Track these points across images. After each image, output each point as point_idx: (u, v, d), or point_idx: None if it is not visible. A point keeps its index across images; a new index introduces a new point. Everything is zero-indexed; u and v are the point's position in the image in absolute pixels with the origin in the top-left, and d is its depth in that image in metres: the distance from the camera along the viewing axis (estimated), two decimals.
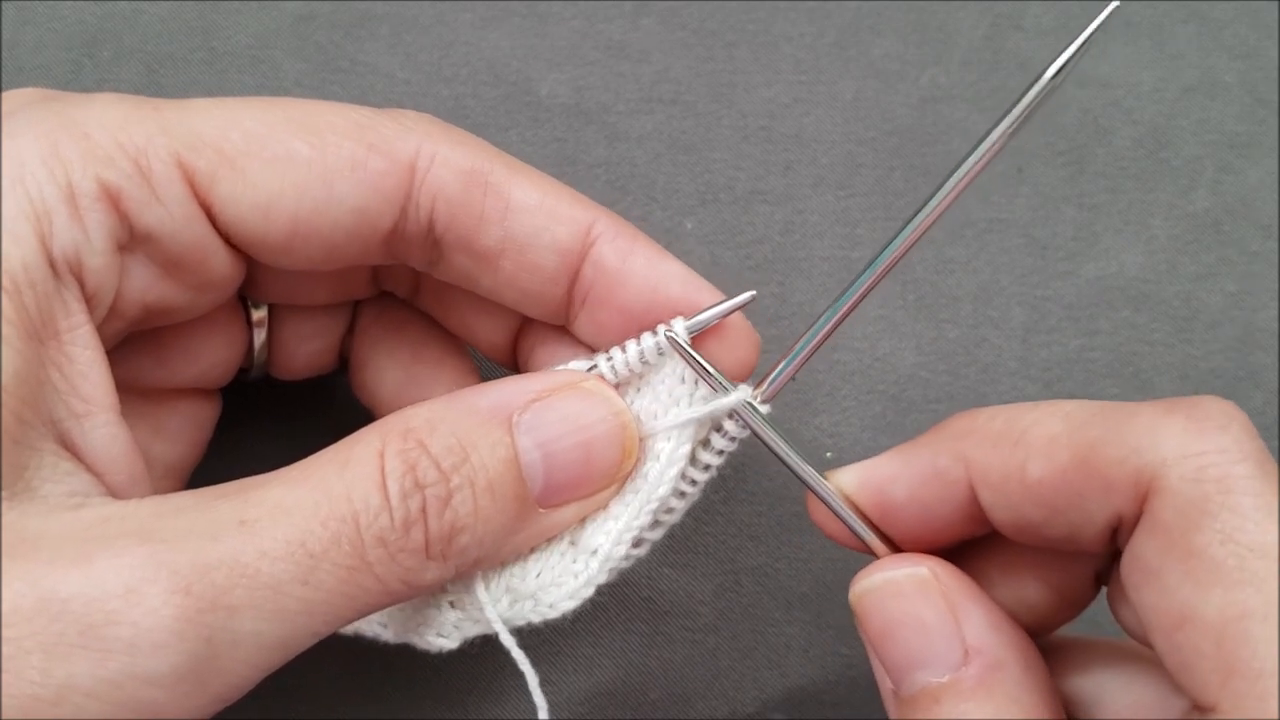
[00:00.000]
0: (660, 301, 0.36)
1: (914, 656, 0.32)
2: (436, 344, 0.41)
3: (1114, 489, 0.30)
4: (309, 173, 0.33)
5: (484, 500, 0.33)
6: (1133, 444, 0.30)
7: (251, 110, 0.34)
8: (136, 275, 0.33)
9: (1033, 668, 0.32)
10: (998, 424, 0.33)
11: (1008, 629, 0.33)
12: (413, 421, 0.33)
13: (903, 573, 0.34)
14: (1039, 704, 0.31)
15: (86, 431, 0.32)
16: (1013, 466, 0.32)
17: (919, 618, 0.33)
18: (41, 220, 0.30)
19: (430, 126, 0.35)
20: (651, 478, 0.36)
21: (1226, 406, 0.30)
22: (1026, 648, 0.33)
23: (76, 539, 0.29)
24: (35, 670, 0.27)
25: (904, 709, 0.33)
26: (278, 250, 0.34)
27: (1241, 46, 0.51)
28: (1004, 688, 0.31)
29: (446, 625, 0.36)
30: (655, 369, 0.36)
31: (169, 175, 0.32)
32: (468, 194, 0.35)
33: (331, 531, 0.30)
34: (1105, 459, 0.30)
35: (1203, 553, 0.28)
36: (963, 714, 0.31)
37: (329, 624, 0.31)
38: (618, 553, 0.36)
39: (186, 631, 0.28)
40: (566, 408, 0.35)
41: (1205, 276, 0.49)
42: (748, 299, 0.36)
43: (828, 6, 0.51)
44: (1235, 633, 0.27)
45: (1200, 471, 0.29)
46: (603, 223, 0.36)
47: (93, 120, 0.32)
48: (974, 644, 0.32)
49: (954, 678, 0.32)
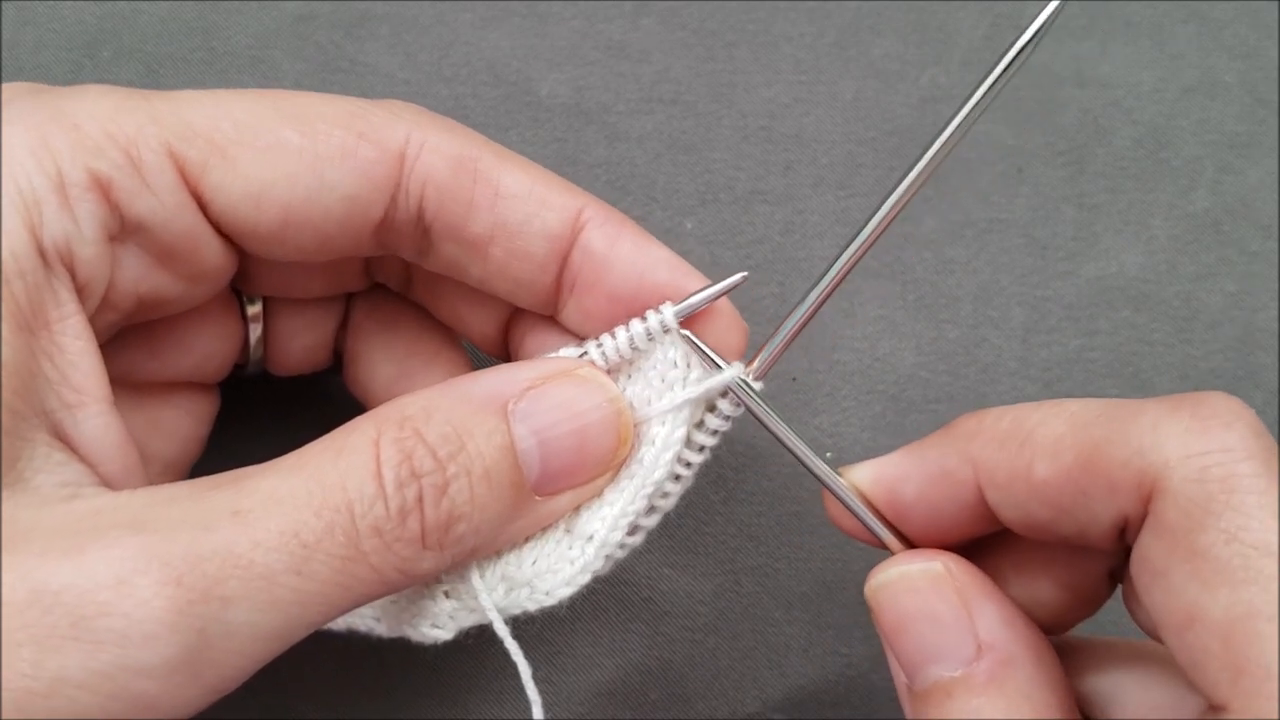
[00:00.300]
0: (648, 286, 0.36)
1: (927, 651, 0.33)
2: (429, 337, 0.41)
3: (1119, 489, 0.30)
4: (299, 161, 0.33)
5: (480, 489, 0.33)
6: (1136, 444, 0.30)
7: (242, 100, 0.34)
8: (129, 266, 0.33)
9: (1045, 664, 0.32)
10: (1004, 424, 0.33)
11: (1021, 625, 0.33)
12: (408, 409, 0.33)
13: (917, 567, 0.34)
14: (1050, 700, 0.31)
15: (79, 422, 0.32)
16: (1019, 467, 0.32)
17: (932, 612, 0.33)
18: (31, 210, 0.30)
19: (419, 115, 0.35)
20: (647, 462, 0.36)
21: (1233, 404, 0.30)
22: (1040, 644, 0.33)
23: (68, 530, 0.29)
24: (27, 663, 0.27)
25: (917, 703, 0.33)
26: (269, 240, 0.34)
27: (1241, 46, 0.51)
28: (1015, 683, 0.31)
29: (441, 616, 0.36)
30: (646, 355, 0.36)
31: (159, 164, 0.32)
32: (457, 180, 0.35)
33: (326, 521, 0.30)
34: (1109, 459, 0.30)
35: (1207, 552, 0.28)
36: (974, 710, 0.31)
37: (324, 614, 0.31)
38: (614, 539, 0.36)
39: (178, 623, 0.28)
40: (561, 395, 0.35)
41: (1205, 276, 0.49)
42: (738, 280, 0.36)
43: (828, 6, 0.51)
44: (1242, 632, 0.27)
45: (1204, 471, 0.28)
46: (591, 209, 0.36)
47: (82, 111, 0.32)
48: (986, 639, 0.32)
49: (966, 672, 0.32)
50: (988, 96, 0.34)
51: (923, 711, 0.32)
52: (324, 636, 0.36)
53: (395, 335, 0.40)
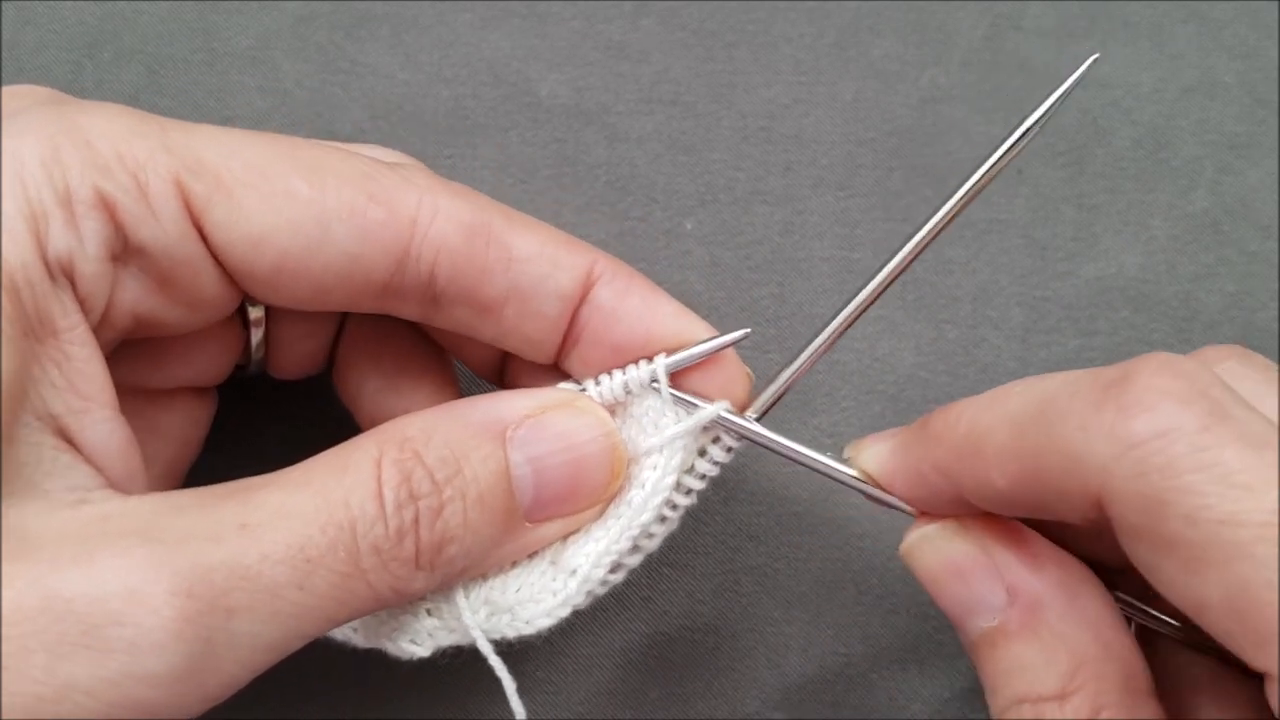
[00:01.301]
0: (654, 339, 0.37)
1: (964, 604, 0.33)
2: (421, 354, 0.41)
3: (1070, 497, 0.30)
4: (305, 212, 0.33)
5: (474, 512, 0.33)
6: (1069, 452, 0.29)
7: (257, 143, 0.34)
8: (129, 287, 0.33)
9: (1080, 599, 0.32)
10: (961, 430, 0.32)
11: (1051, 564, 0.33)
12: (409, 430, 0.33)
13: (934, 527, 0.35)
14: (1086, 635, 0.32)
15: (85, 427, 0.32)
16: (980, 478, 0.32)
17: (957, 567, 0.33)
18: (39, 221, 0.31)
19: (431, 180, 0.35)
20: (635, 504, 0.37)
21: (1158, 379, 0.28)
22: (1072, 579, 0.33)
23: (78, 537, 0.29)
24: (39, 669, 0.27)
25: (974, 655, 0.34)
26: (264, 284, 0.34)
27: (1241, 47, 0.51)
28: (1048, 625, 0.32)
29: (421, 633, 0.37)
30: (639, 400, 0.37)
31: (165, 193, 0.32)
32: (471, 247, 0.35)
33: (330, 538, 0.31)
34: (1050, 471, 0.30)
35: (1179, 542, 0.27)
36: (1015, 656, 0.32)
37: (320, 627, 0.32)
38: (596, 575, 0.37)
39: (186, 632, 0.28)
40: (560, 425, 0.35)
41: (1204, 277, 0.49)
42: (739, 337, 0.37)
43: (828, 6, 0.51)
44: (1249, 607, 0.27)
45: (1142, 464, 0.28)
46: (601, 264, 0.36)
47: (96, 129, 0.32)
48: (1013, 585, 0.33)
49: (1002, 620, 0.32)
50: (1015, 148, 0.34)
51: (979, 664, 0.33)
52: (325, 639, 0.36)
53: (387, 348, 0.40)
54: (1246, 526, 0.27)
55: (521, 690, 0.36)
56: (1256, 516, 0.26)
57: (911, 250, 0.35)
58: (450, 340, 0.40)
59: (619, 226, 0.48)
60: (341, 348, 0.41)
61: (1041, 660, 0.32)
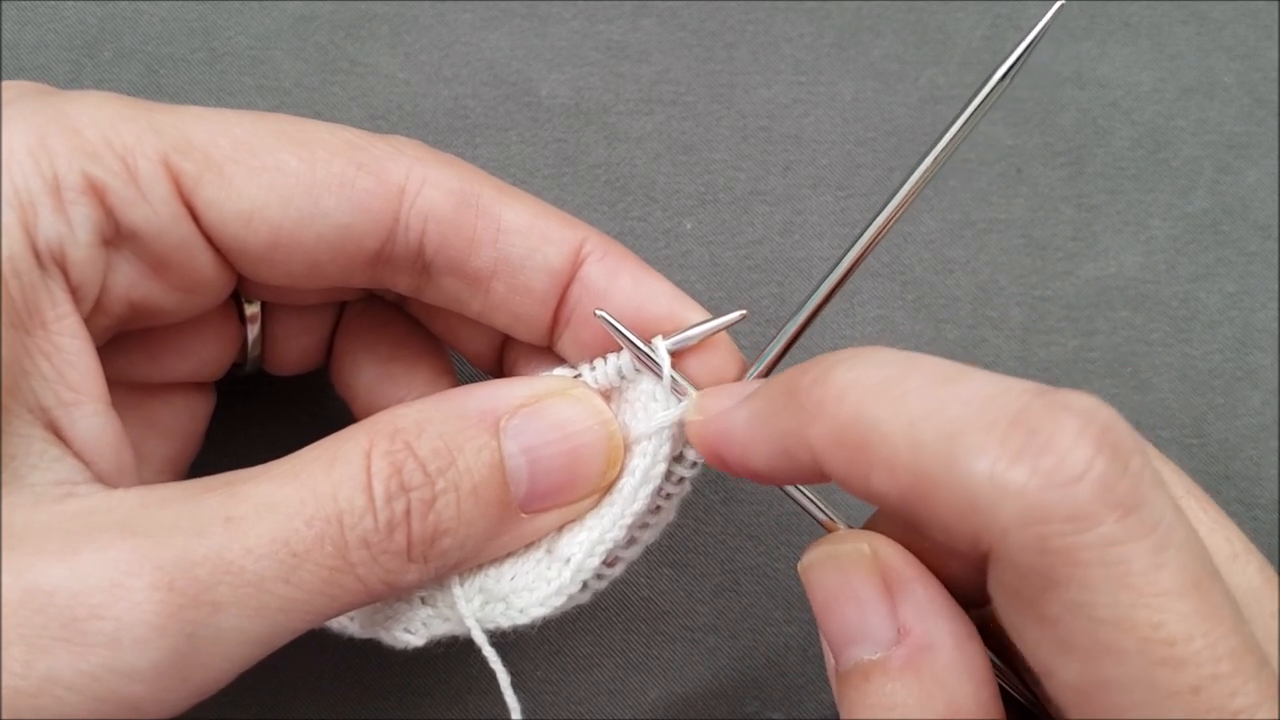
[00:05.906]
0: (645, 319, 0.36)
1: (850, 632, 0.32)
2: (416, 344, 0.41)
3: (953, 534, 0.28)
4: (295, 185, 0.33)
5: (467, 504, 0.33)
6: (969, 496, 0.27)
7: (244, 120, 0.34)
8: (122, 272, 0.33)
9: (968, 652, 0.31)
10: (844, 414, 0.29)
11: (947, 611, 0.32)
12: (401, 422, 0.33)
13: (845, 548, 0.33)
14: (968, 688, 0.30)
15: (75, 420, 0.32)
16: (856, 471, 0.29)
17: (856, 593, 0.32)
18: (27, 210, 0.31)
19: (420, 150, 0.35)
20: (626, 492, 0.36)
21: (1083, 446, 0.26)
22: (963, 633, 0.32)
23: (62, 530, 0.29)
24: (18, 662, 0.27)
25: (840, 684, 0.32)
26: (258, 260, 0.34)
27: (1241, 47, 0.51)
28: (932, 670, 0.31)
29: (415, 621, 0.36)
30: (632, 385, 0.37)
31: (154, 174, 0.32)
32: (459, 216, 0.35)
33: (316, 531, 0.30)
34: (942, 504, 0.28)
35: (1056, 621, 0.27)
36: (888, 694, 0.30)
37: (308, 622, 0.31)
38: (590, 564, 0.36)
39: (169, 627, 0.28)
40: (554, 414, 0.35)
41: (1204, 277, 0.49)
42: (735, 318, 0.36)
43: (828, 6, 0.51)
44: (1098, 699, 0.26)
45: (1044, 542, 0.26)
46: (591, 242, 0.36)
47: (83, 116, 0.32)
48: (907, 624, 0.31)
49: (884, 656, 0.31)
50: (988, 100, 0.34)
51: (843, 693, 0.32)
52: (324, 636, 0.36)
53: (383, 339, 0.40)
54: (1131, 635, 0.26)
55: (521, 689, 0.36)
56: (1141, 631, 0.26)
57: (894, 208, 0.34)
58: (445, 329, 0.40)
59: (619, 226, 0.48)
60: (338, 340, 0.41)
61: (916, 703, 0.30)
